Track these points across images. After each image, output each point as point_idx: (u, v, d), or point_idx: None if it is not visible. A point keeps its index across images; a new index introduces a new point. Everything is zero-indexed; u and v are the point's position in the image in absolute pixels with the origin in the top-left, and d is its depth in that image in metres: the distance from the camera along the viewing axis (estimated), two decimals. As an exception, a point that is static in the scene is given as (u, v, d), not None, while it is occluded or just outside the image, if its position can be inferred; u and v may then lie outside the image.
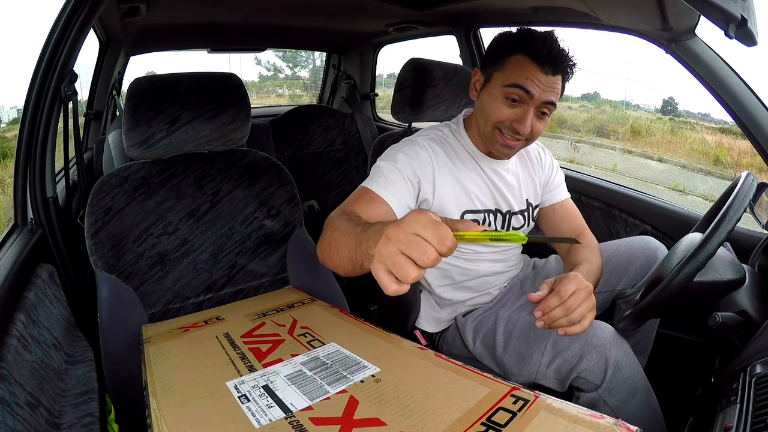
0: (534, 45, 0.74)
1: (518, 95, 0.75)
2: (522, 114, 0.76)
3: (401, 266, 0.39)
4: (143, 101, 0.75)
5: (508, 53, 0.76)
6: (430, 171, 0.80)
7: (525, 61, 0.74)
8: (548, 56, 0.73)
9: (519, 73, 0.74)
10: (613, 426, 0.36)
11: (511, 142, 0.79)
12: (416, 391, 0.43)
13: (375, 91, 2.18)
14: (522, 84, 0.74)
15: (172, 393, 0.47)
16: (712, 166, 4.65)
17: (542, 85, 0.74)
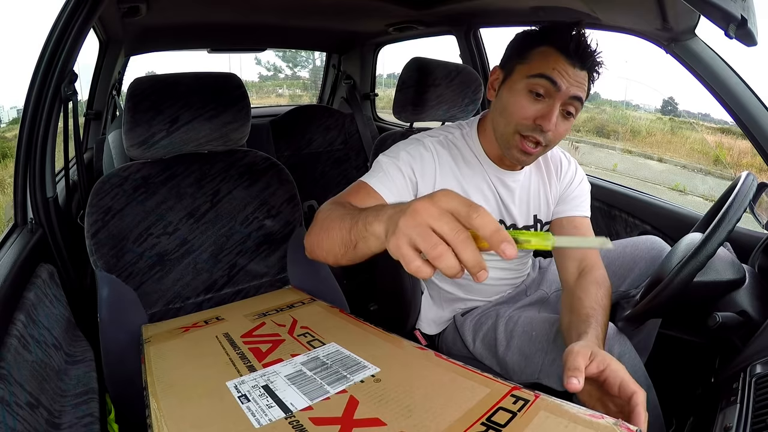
0: (561, 35, 0.68)
1: (544, 87, 0.68)
2: (547, 109, 0.69)
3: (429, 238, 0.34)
4: (143, 101, 0.75)
5: (533, 45, 0.71)
6: (431, 174, 0.76)
7: (552, 52, 0.68)
8: (576, 48, 0.68)
9: (545, 64, 0.68)
10: (613, 426, 0.36)
11: (531, 149, 0.72)
12: (416, 391, 0.43)
13: (375, 91, 2.18)
14: (548, 74, 0.68)
15: (172, 393, 0.47)
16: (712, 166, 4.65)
17: (570, 77, 0.68)
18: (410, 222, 0.36)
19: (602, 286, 0.74)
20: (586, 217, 0.85)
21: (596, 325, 0.64)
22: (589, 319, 0.65)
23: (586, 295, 0.70)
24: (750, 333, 0.66)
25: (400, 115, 1.17)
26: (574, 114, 0.72)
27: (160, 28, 1.46)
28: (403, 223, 0.37)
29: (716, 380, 0.67)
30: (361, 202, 0.68)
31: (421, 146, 0.78)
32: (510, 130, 0.73)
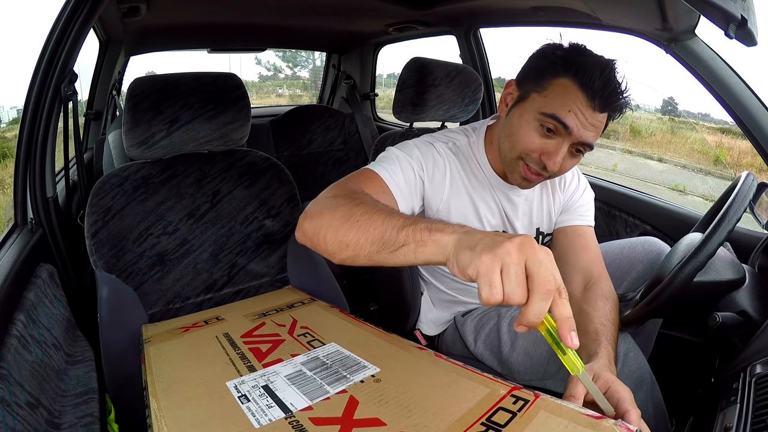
0: (588, 72, 0.62)
1: (555, 127, 0.65)
2: (555, 147, 0.66)
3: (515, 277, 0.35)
4: (143, 101, 0.75)
5: (554, 74, 0.65)
6: (441, 181, 0.74)
7: (572, 89, 0.63)
8: (602, 89, 0.62)
9: (561, 103, 0.63)
10: (613, 426, 0.35)
11: (533, 176, 0.70)
12: (416, 391, 0.43)
13: (375, 91, 2.18)
14: (562, 118, 0.63)
15: (172, 393, 0.47)
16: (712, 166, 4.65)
17: (585, 121, 0.63)
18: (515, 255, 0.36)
19: (610, 299, 0.71)
20: (590, 227, 0.83)
21: (606, 344, 0.61)
22: (599, 337, 0.62)
23: (594, 311, 0.67)
24: (750, 333, 0.66)
25: (400, 115, 1.17)
26: (584, 153, 0.69)
27: (160, 28, 1.46)
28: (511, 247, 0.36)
29: (716, 380, 0.67)
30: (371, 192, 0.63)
31: (434, 150, 0.75)
32: (514, 155, 0.70)
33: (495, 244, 0.37)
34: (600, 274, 0.76)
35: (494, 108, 1.65)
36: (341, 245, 0.50)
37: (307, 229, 0.55)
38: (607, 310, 0.68)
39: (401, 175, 0.69)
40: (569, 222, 0.83)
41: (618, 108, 0.65)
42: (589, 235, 0.82)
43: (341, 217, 0.51)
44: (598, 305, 0.68)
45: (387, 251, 0.46)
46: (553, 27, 1.26)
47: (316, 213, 0.55)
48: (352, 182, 0.64)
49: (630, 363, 0.70)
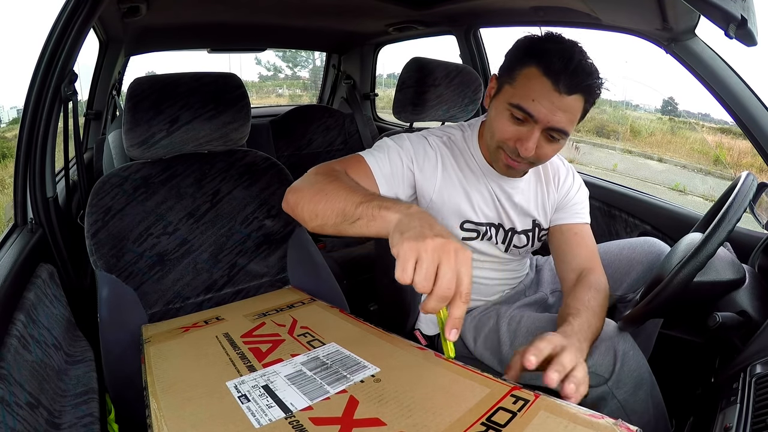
0: (549, 56, 0.64)
1: (522, 116, 0.67)
2: (526, 134, 0.68)
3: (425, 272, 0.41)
4: (143, 101, 0.75)
5: (521, 64, 0.67)
6: (433, 173, 0.76)
7: (536, 76, 0.65)
8: (564, 71, 0.63)
9: (526, 92, 0.66)
10: (612, 426, 0.36)
11: (514, 163, 0.72)
12: (416, 391, 0.43)
13: (375, 91, 2.18)
14: (525, 107, 0.66)
15: (172, 393, 0.47)
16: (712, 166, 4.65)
17: (551, 106, 0.65)
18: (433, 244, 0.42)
19: (593, 288, 0.72)
20: (586, 224, 0.85)
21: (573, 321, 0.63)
22: (567, 318, 0.64)
23: (573, 300, 0.70)
24: (750, 333, 0.66)
25: (400, 115, 1.17)
26: (561, 139, 0.70)
27: (160, 28, 1.46)
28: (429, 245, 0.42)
29: (716, 380, 0.67)
30: (355, 174, 0.68)
31: (426, 143, 0.78)
32: (494, 145, 0.74)
33: (419, 237, 0.42)
34: (592, 268, 0.78)
35: (494, 108, 1.65)
36: (312, 214, 0.57)
37: (290, 199, 0.62)
38: (588, 297, 0.69)
39: (388, 163, 0.73)
40: (565, 220, 0.85)
41: (588, 89, 0.66)
42: (584, 232, 0.83)
43: (316, 190, 0.58)
44: (578, 294, 0.71)
45: (347, 223, 0.52)
46: (553, 27, 1.26)
47: (298, 186, 0.63)
48: (339, 164, 0.70)
49: (630, 363, 0.70)
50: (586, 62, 0.65)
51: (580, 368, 0.52)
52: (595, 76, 0.66)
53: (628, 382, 0.70)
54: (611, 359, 0.69)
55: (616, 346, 0.69)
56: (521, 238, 0.86)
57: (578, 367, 0.52)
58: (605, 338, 0.70)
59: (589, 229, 0.85)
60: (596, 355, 0.70)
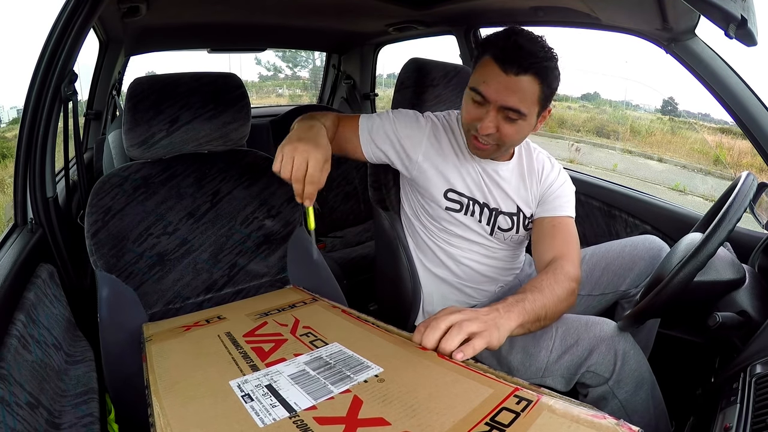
0: (495, 42, 0.72)
1: (479, 98, 0.75)
2: (483, 115, 0.75)
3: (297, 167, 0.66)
4: (143, 101, 0.75)
5: (479, 55, 0.76)
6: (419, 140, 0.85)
7: (488, 63, 0.73)
8: (509, 54, 0.70)
9: (480, 77, 0.74)
10: (615, 426, 0.36)
11: (480, 144, 0.79)
12: (420, 391, 0.43)
13: (375, 91, 2.18)
14: (478, 87, 0.74)
15: (174, 392, 0.46)
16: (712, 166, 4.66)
17: (499, 85, 0.72)
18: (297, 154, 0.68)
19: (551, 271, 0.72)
20: (568, 217, 0.85)
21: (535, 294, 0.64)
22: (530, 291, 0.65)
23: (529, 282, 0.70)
24: (750, 333, 0.66)
25: (400, 115, 1.17)
26: (518, 119, 0.74)
27: (160, 28, 1.46)
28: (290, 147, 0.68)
29: (716, 380, 0.67)
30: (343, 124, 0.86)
31: (419, 116, 0.88)
32: (465, 128, 0.82)
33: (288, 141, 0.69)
34: (563, 255, 0.77)
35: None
36: None
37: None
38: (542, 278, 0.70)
39: (377, 126, 0.85)
40: (546, 213, 0.87)
41: (536, 69, 0.71)
42: (564, 224, 0.84)
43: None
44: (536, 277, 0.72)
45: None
46: (553, 27, 1.26)
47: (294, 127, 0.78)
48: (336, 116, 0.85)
49: (630, 362, 0.70)
50: (530, 45, 0.71)
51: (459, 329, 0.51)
52: (541, 58, 0.71)
53: (629, 382, 0.70)
54: (612, 359, 0.69)
55: (616, 346, 0.69)
56: (506, 220, 0.88)
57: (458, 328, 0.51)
58: (606, 338, 0.70)
59: (571, 223, 0.85)
60: (597, 355, 0.70)
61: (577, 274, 0.75)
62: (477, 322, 0.53)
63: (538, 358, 0.75)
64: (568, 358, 0.72)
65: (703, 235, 0.65)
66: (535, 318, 0.63)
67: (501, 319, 0.57)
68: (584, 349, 0.71)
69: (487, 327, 0.54)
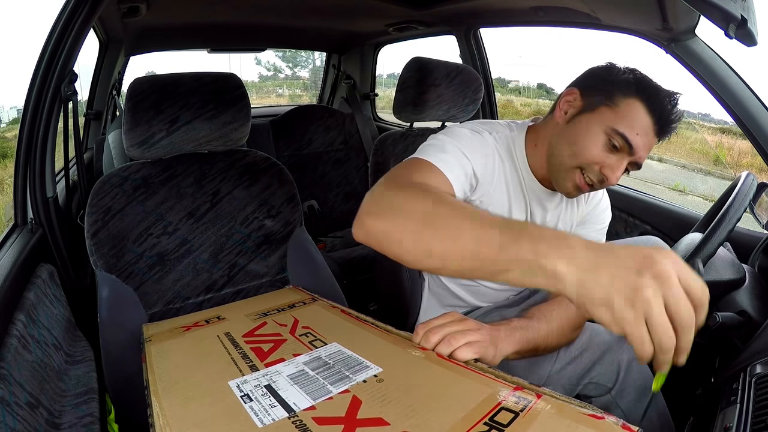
0: (659, 97, 0.64)
1: (620, 144, 0.65)
2: (617, 162, 0.66)
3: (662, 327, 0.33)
4: (143, 101, 0.75)
5: (624, 93, 0.66)
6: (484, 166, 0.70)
7: (641, 111, 0.64)
8: (668, 116, 0.65)
9: (631, 123, 0.64)
10: (614, 425, 0.36)
11: (587, 187, 0.69)
12: (419, 391, 0.43)
13: (375, 91, 2.18)
14: (629, 138, 0.64)
15: (174, 392, 0.46)
16: (712, 166, 4.65)
17: (647, 143, 0.66)
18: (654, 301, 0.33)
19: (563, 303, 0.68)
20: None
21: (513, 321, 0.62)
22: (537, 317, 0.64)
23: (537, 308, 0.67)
24: (750, 333, 0.66)
25: (401, 115, 1.17)
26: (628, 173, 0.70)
27: (160, 28, 1.46)
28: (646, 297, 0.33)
29: (716, 380, 0.67)
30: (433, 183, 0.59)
31: (481, 138, 0.71)
32: (573, 163, 0.68)
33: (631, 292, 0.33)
34: None
35: (494, 108, 1.65)
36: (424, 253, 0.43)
37: (374, 228, 0.47)
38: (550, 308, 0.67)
39: (457, 164, 0.65)
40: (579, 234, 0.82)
41: (667, 136, 0.67)
42: None
43: (421, 218, 0.44)
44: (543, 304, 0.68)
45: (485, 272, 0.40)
46: (553, 27, 1.26)
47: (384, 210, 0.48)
48: (409, 173, 0.59)
49: (633, 373, 0.70)
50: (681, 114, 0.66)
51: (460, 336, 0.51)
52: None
53: (631, 392, 0.70)
54: (615, 369, 0.69)
55: (619, 356, 0.69)
56: None
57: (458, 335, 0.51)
58: (608, 349, 0.70)
59: None
60: (600, 366, 0.70)
61: None
62: (477, 333, 0.53)
63: (542, 366, 0.75)
64: (572, 369, 0.71)
65: (703, 235, 0.65)
66: (534, 347, 0.62)
67: (501, 342, 0.56)
68: (588, 360, 0.70)
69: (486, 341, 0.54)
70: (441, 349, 0.51)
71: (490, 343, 0.54)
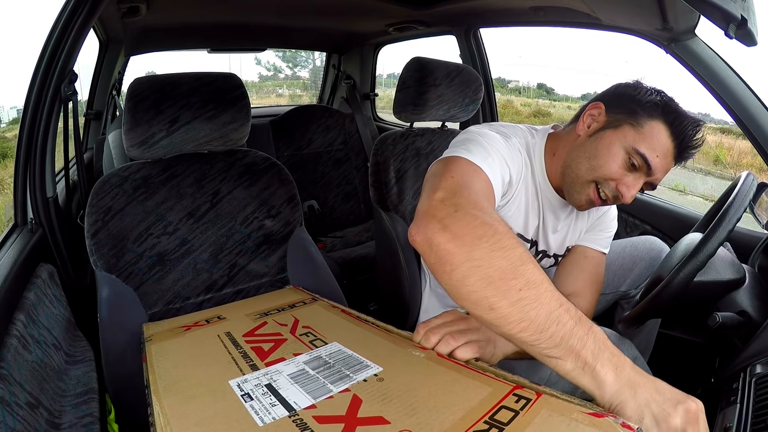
0: (683, 126, 0.65)
1: (639, 164, 0.66)
2: (633, 182, 0.67)
3: None
4: (143, 101, 0.75)
5: (650, 114, 0.66)
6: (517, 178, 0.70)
7: (664, 134, 0.65)
8: (689, 142, 0.66)
9: (653, 145, 0.65)
10: (614, 424, 0.36)
11: (599, 202, 0.69)
12: (419, 390, 0.43)
13: (375, 91, 2.18)
14: (650, 159, 0.65)
15: (174, 391, 0.46)
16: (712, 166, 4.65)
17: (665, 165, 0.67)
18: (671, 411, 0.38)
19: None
20: (602, 253, 0.81)
21: None
22: None
23: None
24: (750, 333, 0.66)
25: (401, 115, 1.17)
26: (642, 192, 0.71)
27: (160, 28, 1.46)
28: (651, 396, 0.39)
29: (716, 380, 0.67)
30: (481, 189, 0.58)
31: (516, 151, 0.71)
32: (589, 177, 0.69)
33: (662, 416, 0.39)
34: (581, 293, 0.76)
35: (494, 108, 1.65)
36: (485, 303, 0.42)
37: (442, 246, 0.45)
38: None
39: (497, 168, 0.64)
40: (583, 242, 0.82)
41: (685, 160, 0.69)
42: (595, 260, 0.80)
43: (504, 268, 0.42)
44: None
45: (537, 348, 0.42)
46: (553, 27, 1.26)
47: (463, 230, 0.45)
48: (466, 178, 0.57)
49: None
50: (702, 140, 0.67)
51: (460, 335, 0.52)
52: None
53: None
54: None
55: None
56: (549, 261, 0.84)
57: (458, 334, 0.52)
58: None
59: (603, 261, 0.82)
60: None
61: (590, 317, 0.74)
62: (476, 333, 0.53)
63: (542, 366, 0.74)
64: None
65: (703, 235, 0.65)
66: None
67: (500, 340, 0.56)
68: None
69: (486, 340, 0.54)
70: (441, 349, 0.51)
71: (489, 341, 0.55)
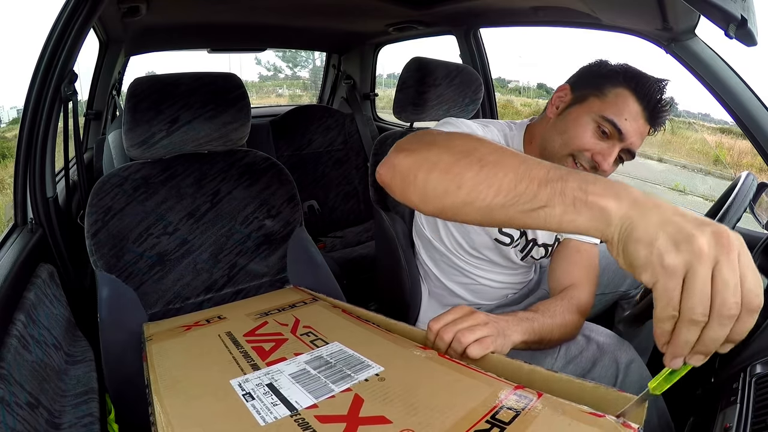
0: (646, 87, 0.67)
1: (610, 131, 0.68)
2: (609, 150, 0.68)
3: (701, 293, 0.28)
4: (143, 101, 0.75)
5: (613, 82, 0.69)
6: None
7: (629, 98, 0.67)
8: (655, 104, 0.67)
9: (619, 110, 0.67)
10: (615, 424, 0.36)
11: None
12: (420, 389, 0.43)
13: (375, 91, 2.18)
14: (618, 123, 0.67)
15: (175, 391, 0.46)
16: (712, 166, 4.65)
17: (638, 129, 0.68)
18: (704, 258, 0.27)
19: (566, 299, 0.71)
20: (596, 246, 0.83)
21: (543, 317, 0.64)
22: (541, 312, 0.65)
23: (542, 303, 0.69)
24: (750, 333, 0.66)
25: (401, 115, 1.17)
26: (623, 161, 0.71)
27: (160, 28, 1.46)
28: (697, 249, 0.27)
29: (716, 380, 0.67)
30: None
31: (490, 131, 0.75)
32: (565, 152, 0.71)
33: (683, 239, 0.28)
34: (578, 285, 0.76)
35: (494, 108, 1.65)
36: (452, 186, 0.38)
37: (402, 163, 0.42)
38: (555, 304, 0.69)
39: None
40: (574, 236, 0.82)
41: (659, 124, 0.69)
42: (588, 253, 0.81)
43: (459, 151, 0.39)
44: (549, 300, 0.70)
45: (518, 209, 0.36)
46: (553, 27, 1.26)
47: (418, 146, 0.42)
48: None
49: (632, 374, 0.70)
50: (668, 101, 0.68)
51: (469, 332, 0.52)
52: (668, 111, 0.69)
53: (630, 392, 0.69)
54: (614, 371, 0.69)
55: (618, 358, 0.69)
56: (540, 251, 0.85)
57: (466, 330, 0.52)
58: (609, 350, 0.70)
59: (596, 253, 0.82)
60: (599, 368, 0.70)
61: (589, 308, 0.74)
62: (485, 328, 0.54)
63: (542, 363, 0.75)
64: (571, 369, 0.72)
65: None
66: (539, 339, 0.63)
67: (509, 330, 0.57)
68: (587, 360, 0.71)
69: (496, 333, 0.55)
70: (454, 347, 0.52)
71: (498, 333, 0.55)
